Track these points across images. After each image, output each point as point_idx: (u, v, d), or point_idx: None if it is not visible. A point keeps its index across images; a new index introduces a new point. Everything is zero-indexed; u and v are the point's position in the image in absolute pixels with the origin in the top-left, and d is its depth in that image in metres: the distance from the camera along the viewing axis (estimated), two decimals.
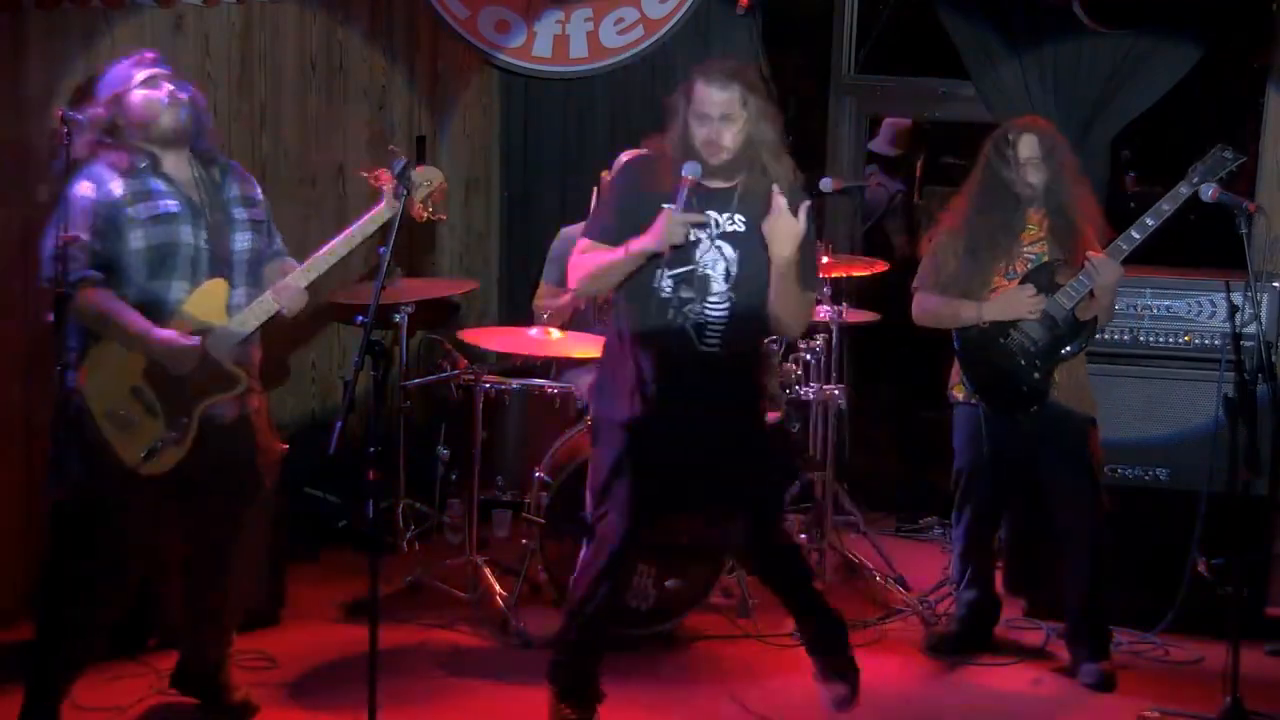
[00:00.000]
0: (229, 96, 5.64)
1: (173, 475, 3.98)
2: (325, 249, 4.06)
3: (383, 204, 4.04)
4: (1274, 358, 4.95)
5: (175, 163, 4.02)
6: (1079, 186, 4.74)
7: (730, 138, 4.00)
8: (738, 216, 4.06)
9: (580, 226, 5.86)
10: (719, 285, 4.05)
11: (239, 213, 4.10)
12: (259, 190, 4.21)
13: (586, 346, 5.35)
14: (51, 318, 3.73)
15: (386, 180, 4.02)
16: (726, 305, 4.05)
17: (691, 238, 3.98)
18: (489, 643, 4.96)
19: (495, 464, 5.31)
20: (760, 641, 5.02)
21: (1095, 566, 4.73)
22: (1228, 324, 4.62)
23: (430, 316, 5.83)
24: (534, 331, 5.29)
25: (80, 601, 3.96)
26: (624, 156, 5.64)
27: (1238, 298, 4.49)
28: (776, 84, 5.97)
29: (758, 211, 4.02)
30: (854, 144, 6.94)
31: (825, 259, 5.53)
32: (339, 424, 3.63)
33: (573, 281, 4.11)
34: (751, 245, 4.04)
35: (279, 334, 5.66)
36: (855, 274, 5.63)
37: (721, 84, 4.00)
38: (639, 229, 3.96)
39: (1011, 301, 4.65)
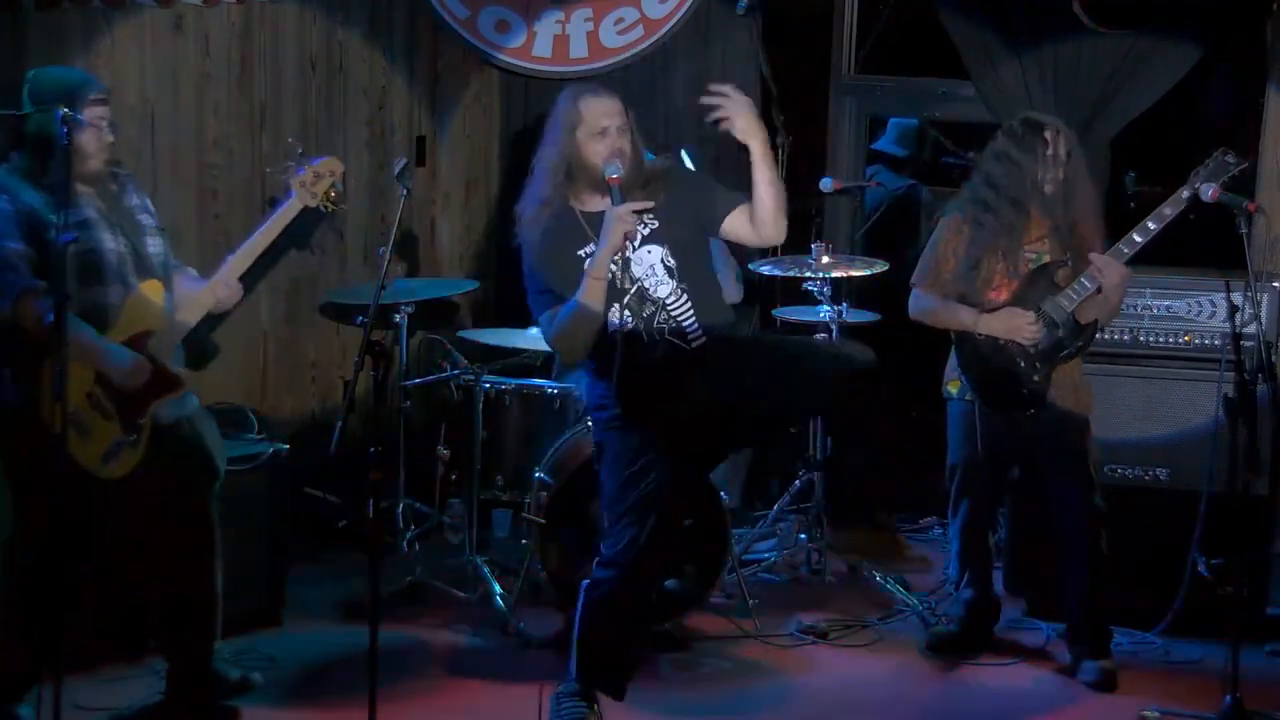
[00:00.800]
0: (229, 96, 5.64)
1: (131, 477, 4.02)
2: (246, 245, 4.17)
3: (294, 196, 4.18)
4: (1274, 358, 4.94)
5: (79, 175, 4.02)
6: (1088, 187, 4.74)
7: (628, 144, 4.06)
8: (645, 217, 4.09)
9: None
10: (666, 285, 4.07)
11: (145, 219, 4.17)
12: (150, 202, 4.27)
13: None
14: (51, 318, 3.72)
15: (292, 174, 4.20)
16: (685, 297, 4.08)
17: (638, 231, 4.00)
18: (489, 643, 4.96)
19: (495, 464, 5.31)
20: (760, 641, 5.02)
21: (1095, 566, 4.72)
22: (1228, 324, 4.62)
23: (430, 316, 5.83)
24: (533, 331, 5.29)
25: (58, 605, 3.95)
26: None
27: (1238, 298, 4.48)
28: (776, 84, 5.98)
29: (661, 200, 4.07)
30: (854, 144, 6.93)
31: (826, 259, 5.54)
32: (339, 424, 3.63)
33: (563, 354, 4.17)
34: (674, 232, 4.09)
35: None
36: (855, 274, 5.63)
37: (606, 94, 4.11)
38: (572, 281, 4.00)
39: (1011, 322, 4.63)
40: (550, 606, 5.05)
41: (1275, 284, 5.07)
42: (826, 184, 5.78)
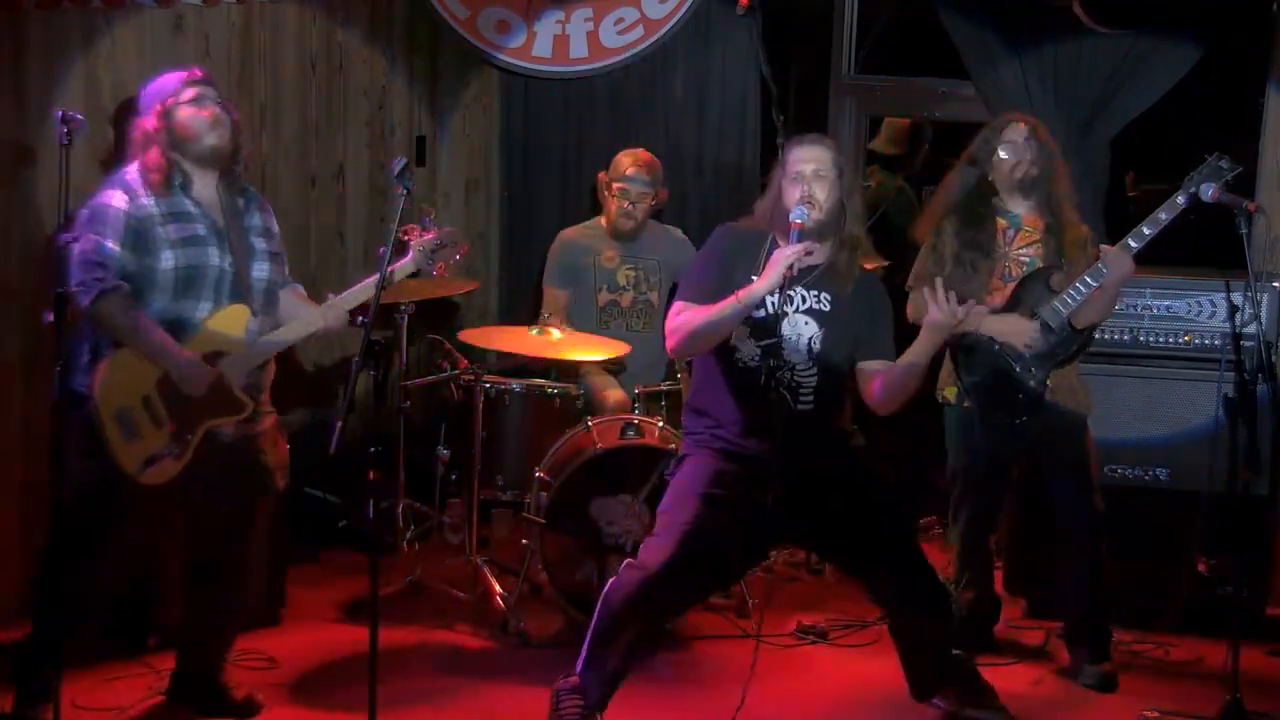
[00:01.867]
0: (229, 96, 5.62)
1: (174, 484, 4.01)
2: (351, 291, 4.17)
3: (411, 256, 4.21)
4: (1274, 358, 4.94)
5: (203, 184, 4.08)
6: (1069, 190, 4.73)
7: (823, 192, 4.07)
8: (824, 295, 4.14)
9: (579, 228, 5.88)
10: (802, 358, 4.12)
11: (258, 243, 4.18)
12: (275, 223, 4.28)
13: (587, 348, 5.36)
14: (51, 318, 3.72)
15: (415, 235, 4.23)
16: (814, 372, 4.14)
17: (788, 282, 3.99)
18: (489, 643, 4.96)
19: (495, 464, 5.31)
20: (760, 641, 5.01)
21: (1094, 567, 4.72)
22: (1228, 324, 4.62)
23: (430, 316, 5.82)
24: (534, 331, 5.29)
25: (76, 601, 3.98)
26: (623, 162, 5.65)
27: (1238, 298, 4.49)
28: (776, 84, 5.98)
29: (843, 291, 4.13)
30: (854, 144, 6.94)
31: None
32: (339, 424, 3.63)
33: (672, 342, 4.13)
34: (835, 324, 4.13)
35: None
36: None
37: (813, 143, 4.17)
38: (724, 293, 4.01)
39: (1012, 328, 4.61)
40: (550, 606, 5.05)
41: (1275, 284, 5.07)
42: None
